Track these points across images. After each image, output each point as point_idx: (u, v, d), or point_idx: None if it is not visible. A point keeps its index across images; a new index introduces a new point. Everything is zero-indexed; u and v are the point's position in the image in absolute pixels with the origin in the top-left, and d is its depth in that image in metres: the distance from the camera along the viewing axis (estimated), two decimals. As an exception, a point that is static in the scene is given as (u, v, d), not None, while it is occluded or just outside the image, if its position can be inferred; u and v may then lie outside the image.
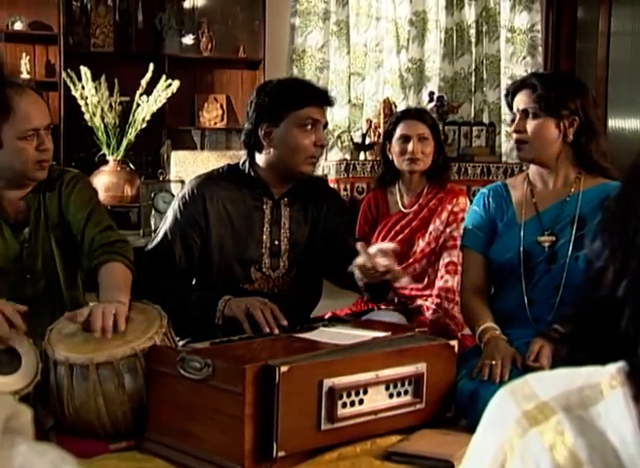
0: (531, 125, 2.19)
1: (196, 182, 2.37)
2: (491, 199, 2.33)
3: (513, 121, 2.25)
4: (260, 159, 2.34)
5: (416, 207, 2.89)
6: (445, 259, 2.80)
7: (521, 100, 2.22)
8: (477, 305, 2.23)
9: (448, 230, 2.82)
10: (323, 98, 2.33)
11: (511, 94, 2.27)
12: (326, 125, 2.35)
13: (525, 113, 2.20)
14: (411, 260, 2.87)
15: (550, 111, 2.16)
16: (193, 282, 2.40)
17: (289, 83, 2.39)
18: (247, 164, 2.37)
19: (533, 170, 2.30)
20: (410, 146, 2.83)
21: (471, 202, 2.81)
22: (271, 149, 2.30)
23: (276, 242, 2.35)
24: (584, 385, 0.60)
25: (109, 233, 2.22)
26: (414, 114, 2.95)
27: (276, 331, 2.04)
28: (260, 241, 2.33)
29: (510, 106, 2.29)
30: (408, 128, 2.87)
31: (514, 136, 2.25)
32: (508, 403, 0.60)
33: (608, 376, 0.60)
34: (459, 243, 2.72)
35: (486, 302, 2.26)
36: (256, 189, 2.35)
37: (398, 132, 2.88)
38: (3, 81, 2.25)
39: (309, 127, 2.27)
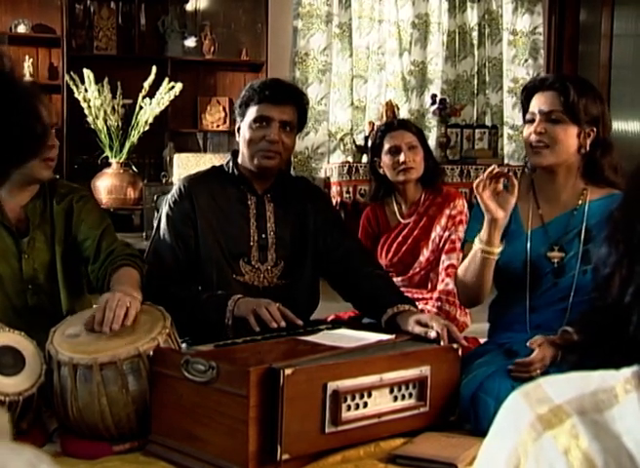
0: (555, 130, 2.09)
1: (183, 182, 2.45)
2: None
3: (530, 121, 2.14)
4: (239, 156, 2.44)
5: (415, 216, 2.89)
6: (445, 263, 2.80)
7: (545, 102, 2.11)
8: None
9: (447, 234, 2.82)
10: (277, 97, 2.35)
11: (529, 91, 2.18)
12: (287, 124, 2.35)
13: (547, 116, 2.11)
14: (417, 269, 2.87)
15: (575, 119, 2.09)
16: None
17: (260, 82, 2.43)
18: (230, 163, 2.45)
19: (539, 178, 2.22)
20: (402, 157, 2.81)
21: (469, 203, 2.80)
22: (240, 145, 2.41)
23: (263, 235, 2.40)
24: (599, 389, 0.59)
25: (129, 249, 2.26)
26: (398, 125, 2.94)
27: (283, 324, 2.07)
28: (247, 235, 2.39)
29: (524, 105, 2.20)
30: (396, 139, 2.85)
31: (533, 137, 2.11)
32: (522, 406, 0.60)
33: (622, 380, 0.60)
34: (458, 245, 2.72)
35: None
36: (239, 186, 2.43)
37: (386, 145, 2.86)
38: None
39: (262, 123, 2.33)
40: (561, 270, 2.14)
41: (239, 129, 2.42)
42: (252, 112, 2.35)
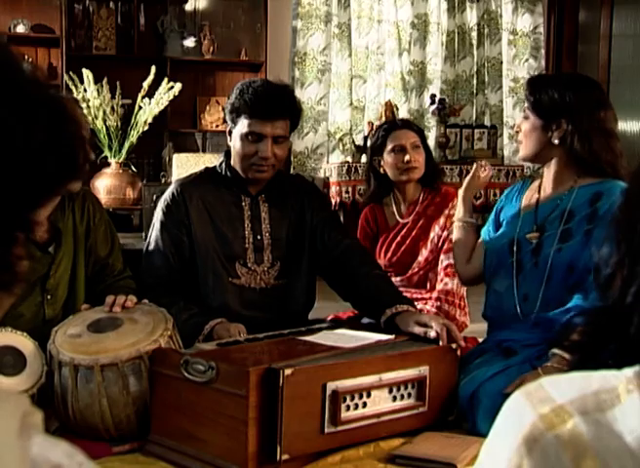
0: (523, 125, 2.23)
1: (175, 186, 2.43)
2: (504, 196, 2.42)
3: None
4: (231, 158, 2.41)
5: (413, 215, 2.88)
6: (444, 262, 2.80)
7: (524, 102, 2.28)
8: None
9: (445, 233, 2.82)
10: (269, 113, 2.27)
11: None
12: (279, 137, 2.30)
13: (524, 114, 2.25)
14: (416, 269, 2.87)
15: (538, 113, 2.18)
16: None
17: (251, 90, 2.29)
18: (223, 165, 2.42)
19: (543, 173, 2.32)
20: (407, 156, 2.81)
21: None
22: (232, 149, 2.38)
23: (258, 237, 2.39)
24: (601, 389, 0.59)
25: (126, 272, 2.38)
26: (402, 124, 2.94)
27: None
28: (242, 237, 2.38)
29: None
30: (400, 138, 2.84)
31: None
32: (524, 406, 0.60)
33: (624, 380, 0.60)
34: None
35: None
36: (233, 188, 2.41)
37: (390, 144, 2.84)
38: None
39: (254, 137, 2.28)
40: (539, 248, 2.19)
41: (230, 132, 2.37)
42: (243, 125, 2.29)
